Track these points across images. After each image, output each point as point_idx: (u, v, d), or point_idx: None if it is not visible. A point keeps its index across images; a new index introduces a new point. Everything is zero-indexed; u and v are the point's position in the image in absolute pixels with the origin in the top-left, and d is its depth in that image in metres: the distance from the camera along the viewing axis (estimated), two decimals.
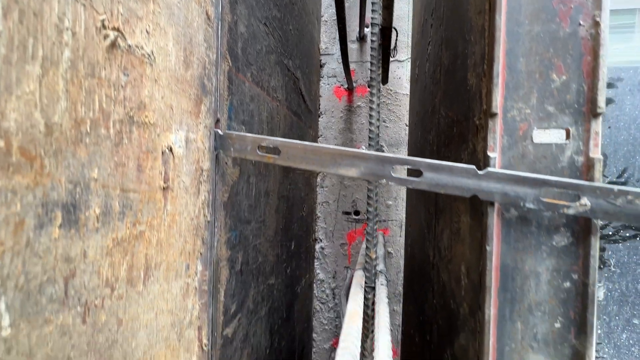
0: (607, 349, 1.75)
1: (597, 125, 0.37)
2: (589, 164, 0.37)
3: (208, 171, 0.49)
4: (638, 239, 1.73)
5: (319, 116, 1.53)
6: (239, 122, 0.61)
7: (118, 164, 0.31)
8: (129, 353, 0.33)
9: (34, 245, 0.24)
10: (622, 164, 1.73)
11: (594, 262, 0.37)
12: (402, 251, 1.47)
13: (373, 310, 0.76)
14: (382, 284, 0.79)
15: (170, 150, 0.40)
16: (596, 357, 1.77)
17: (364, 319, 0.69)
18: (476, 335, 0.42)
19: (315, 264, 1.56)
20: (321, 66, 1.53)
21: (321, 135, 1.53)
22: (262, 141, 0.48)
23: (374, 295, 0.78)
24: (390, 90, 1.46)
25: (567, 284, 0.38)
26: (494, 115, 0.39)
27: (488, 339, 0.40)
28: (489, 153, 0.39)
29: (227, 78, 0.55)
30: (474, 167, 0.39)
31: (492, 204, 0.39)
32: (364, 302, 0.72)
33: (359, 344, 0.53)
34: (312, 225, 1.47)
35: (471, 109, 0.47)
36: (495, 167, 0.39)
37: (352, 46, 1.49)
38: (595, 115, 0.37)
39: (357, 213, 1.53)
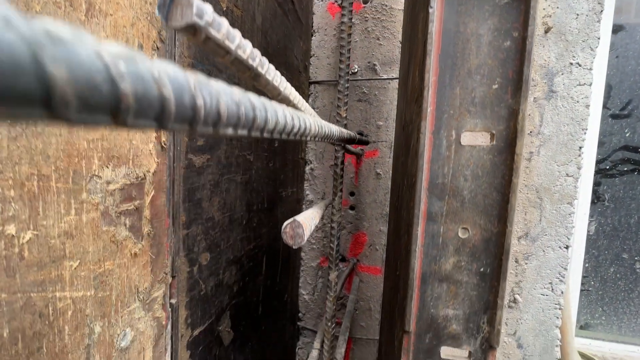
0: (593, 282, 1.77)
1: None
2: None
3: None
4: (636, 173, 1.69)
5: (312, 35, 1.50)
6: None
7: None
8: None
9: None
10: (627, 96, 1.67)
11: (534, 12, 0.37)
12: (391, 172, 1.47)
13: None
14: None
15: None
16: (581, 290, 1.80)
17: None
18: (417, 124, 0.42)
19: (305, 185, 1.58)
20: None
21: (313, 55, 1.51)
22: None
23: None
24: (385, 5, 1.42)
25: (507, 43, 0.38)
26: None
27: (427, 107, 0.40)
28: None
29: None
30: None
31: None
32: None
33: None
34: (300, 143, 1.49)
35: None
36: None
37: None
38: None
39: None
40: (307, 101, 1.51)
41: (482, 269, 0.42)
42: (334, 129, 0.47)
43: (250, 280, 0.94)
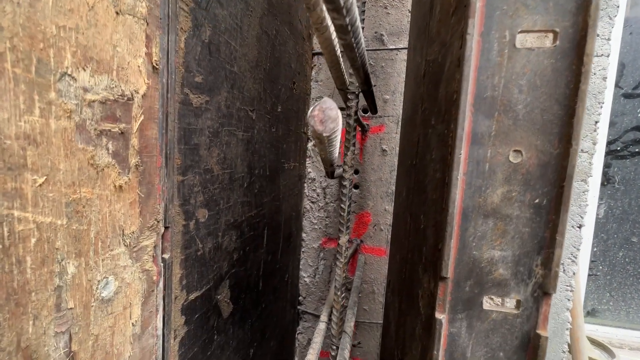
0: (601, 267, 1.73)
1: None
2: None
3: None
4: None
5: None
6: None
7: None
8: None
9: None
10: None
11: None
12: (397, 148, 1.41)
13: None
14: None
15: None
16: (589, 275, 1.75)
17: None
18: (460, 29, 0.35)
19: (307, 162, 1.51)
20: None
21: None
22: None
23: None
24: None
25: None
26: None
27: (475, 1, 0.33)
28: None
29: None
30: None
31: None
32: None
33: None
34: (304, 117, 1.41)
35: None
36: None
37: None
38: None
39: None
40: (310, 73, 1.43)
41: (537, 200, 0.35)
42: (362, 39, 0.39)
43: (250, 251, 0.87)
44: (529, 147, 0.34)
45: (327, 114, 0.25)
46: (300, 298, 1.59)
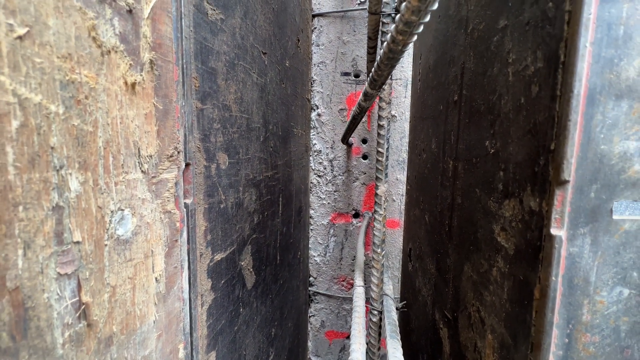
0: None
1: None
2: None
3: None
4: None
5: None
6: None
7: None
8: None
9: None
10: None
11: None
12: (407, 113, 1.33)
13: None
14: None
15: None
16: None
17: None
18: None
19: (312, 133, 1.41)
20: None
21: None
22: None
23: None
24: None
25: None
26: None
27: None
28: None
29: None
30: None
31: None
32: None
33: None
34: (307, 83, 1.31)
35: None
36: None
37: None
38: None
39: (357, 75, 1.36)
40: (310, 37, 1.33)
41: None
42: None
43: (268, 218, 0.77)
44: None
45: None
46: (311, 279, 1.51)
